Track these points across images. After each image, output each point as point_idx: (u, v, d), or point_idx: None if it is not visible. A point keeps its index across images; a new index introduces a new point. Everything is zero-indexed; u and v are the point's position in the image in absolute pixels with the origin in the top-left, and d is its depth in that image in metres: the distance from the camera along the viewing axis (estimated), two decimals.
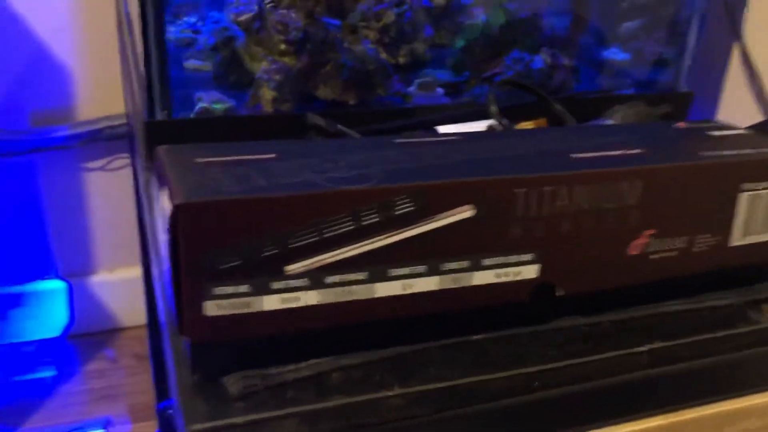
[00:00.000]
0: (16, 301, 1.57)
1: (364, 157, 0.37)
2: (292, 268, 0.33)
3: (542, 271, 0.38)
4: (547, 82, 0.69)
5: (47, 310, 1.58)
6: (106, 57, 1.37)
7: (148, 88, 0.55)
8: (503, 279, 0.37)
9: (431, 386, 0.35)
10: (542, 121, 0.67)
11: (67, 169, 1.49)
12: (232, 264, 0.32)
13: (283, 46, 0.61)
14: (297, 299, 0.34)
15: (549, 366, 0.38)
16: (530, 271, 0.38)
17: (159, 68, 0.55)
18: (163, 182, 0.34)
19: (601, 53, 0.79)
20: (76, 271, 1.60)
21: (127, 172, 1.51)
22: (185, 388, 0.34)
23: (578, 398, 0.39)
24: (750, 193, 0.42)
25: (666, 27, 0.75)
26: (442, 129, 0.62)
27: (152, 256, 0.51)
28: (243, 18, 0.61)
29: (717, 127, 0.47)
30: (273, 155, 0.36)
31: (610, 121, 0.55)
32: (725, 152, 0.41)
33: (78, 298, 1.60)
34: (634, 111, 0.55)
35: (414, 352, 0.38)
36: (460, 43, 0.69)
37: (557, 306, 0.40)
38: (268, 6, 0.61)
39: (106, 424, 1.49)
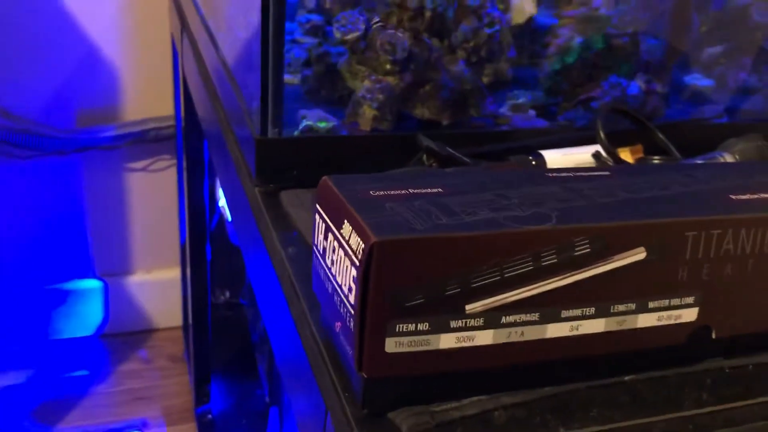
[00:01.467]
0: (55, 299, 1.57)
1: (531, 192, 0.37)
2: (472, 307, 0.33)
3: (701, 314, 0.38)
4: (640, 108, 0.69)
5: (83, 308, 1.58)
6: (154, 58, 1.38)
7: (263, 105, 0.55)
8: (664, 322, 0.37)
9: (595, 429, 0.35)
10: (639, 148, 0.66)
11: (111, 170, 1.49)
12: (416, 302, 0.31)
13: (388, 66, 0.61)
14: (472, 338, 0.33)
15: (705, 411, 0.37)
16: (690, 314, 0.37)
17: (274, 86, 0.54)
18: (338, 214, 0.33)
19: (684, 79, 0.78)
20: (113, 270, 1.60)
21: (170, 174, 1.51)
22: (354, 422, 0.34)
23: None
24: None
25: (759, 51, 0.74)
26: (546, 153, 0.61)
27: (276, 283, 0.51)
28: (350, 37, 0.60)
29: None
30: (440, 189, 0.36)
31: (727, 154, 0.55)
32: None
33: (114, 298, 1.60)
34: (754, 145, 0.55)
35: (570, 392, 0.37)
36: (556, 65, 0.69)
37: (709, 348, 0.40)
38: (375, 26, 0.60)
39: (142, 426, 1.49)
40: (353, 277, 0.31)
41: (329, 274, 0.35)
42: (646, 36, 0.73)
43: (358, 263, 0.31)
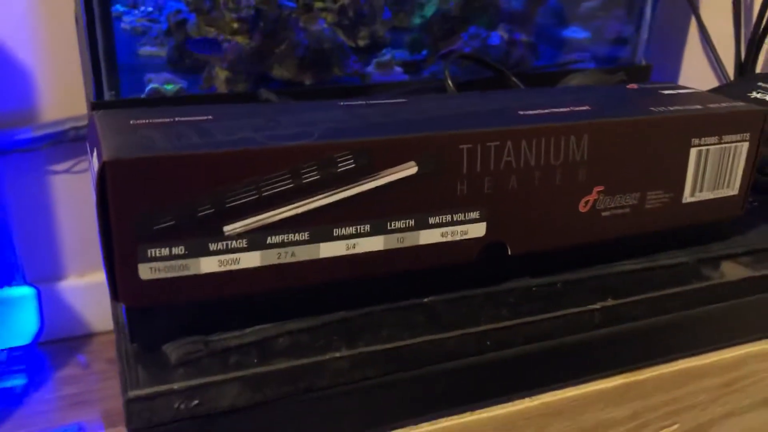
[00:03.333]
0: None
1: (307, 117, 0.36)
2: (231, 228, 0.32)
3: (490, 230, 0.37)
4: (504, 58, 0.69)
5: (16, 316, 1.55)
6: (67, 55, 1.35)
7: (95, 70, 0.54)
8: (450, 238, 0.37)
9: (380, 347, 0.35)
10: None
11: (32, 172, 1.46)
12: (166, 224, 0.31)
13: (235, 25, 0.60)
14: (237, 261, 0.33)
15: (501, 325, 0.37)
16: (478, 230, 0.37)
17: (105, 48, 0.53)
18: (93, 144, 0.33)
19: (559, 30, 0.78)
20: (45, 276, 1.57)
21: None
22: (124, 357, 0.33)
23: (533, 359, 0.38)
24: (698, 148, 0.42)
25: (624, 2, 0.75)
26: None
27: None
28: None
29: (671, 88, 0.47)
30: (210, 116, 0.35)
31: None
32: (674, 107, 0.41)
33: (48, 304, 1.57)
34: (590, 78, 0.55)
35: (362, 316, 0.37)
36: (416, 20, 0.69)
37: (507, 267, 0.40)
38: None
39: (79, 430, 1.46)
40: (95, 201, 0.30)
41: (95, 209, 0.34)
42: None
43: (95, 186, 0.30)
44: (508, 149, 0.36)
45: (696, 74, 0.79)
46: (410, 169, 0.34)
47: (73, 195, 1.51)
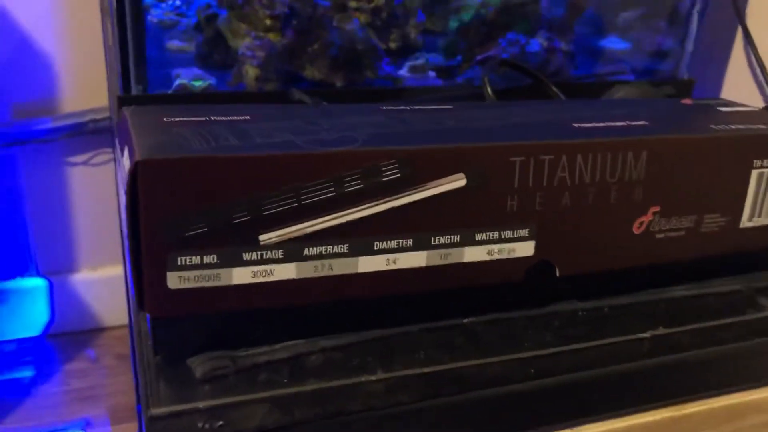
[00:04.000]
0: None
1: (348, 121, 0.34)
2: (267, 237, 0.30)
3: (539, 249, 0.35)
4: (543, 66, 0.67)
5: (27, 308, 1.54)
6: (90, 47, 1.34)
7: (123, 64, 0.52)
8: (496, 256, 0.34)
9: (417, 371, 0.32)
10: None
11: (50, 164, 1.45)
12: (199, 231, 0.29)
13: (268, 22, 0.58)
14: (271, 273, 0.30)
15: (546, 352, 0.35)
16: (526, 249, 0.35)
17: (135, 42, 0.52)
18: (123, 142, 0.31)
19: (599, 41, 0.76)
20: (57, 268, 1.56)
21: (112, 168, 1.48)
22: (146, 369, 0.31)
23: (577, 387, 0.36)
24: (760, 170, 0.39)
25: (668, 13, 0.72)
26: None
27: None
28: None
29: (725, 104, 0.44)
30: (247, 117, 0.33)
31: None
32: (736, 126, 0.39)
33: (59, 297, 1.56)
34: (638, 89, 0.52)
35: (399, 335, 0.35)
36: (453, 24, 0.66)
37: (554, 288, 0.37)
38: None
39: (85, 425, 1.45)
40: (125, 203, 0.28)
41: (121, 209, 0.32)
42: None
43: (126, 187, 0.28)
44: (563, 164, 0.34)
45: (740, 91, 0.76)
46: (459, 182, 0.32)
47: (89, 188, 1.50)
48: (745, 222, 0.40)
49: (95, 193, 1.57)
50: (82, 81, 1.45)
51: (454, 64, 0.68)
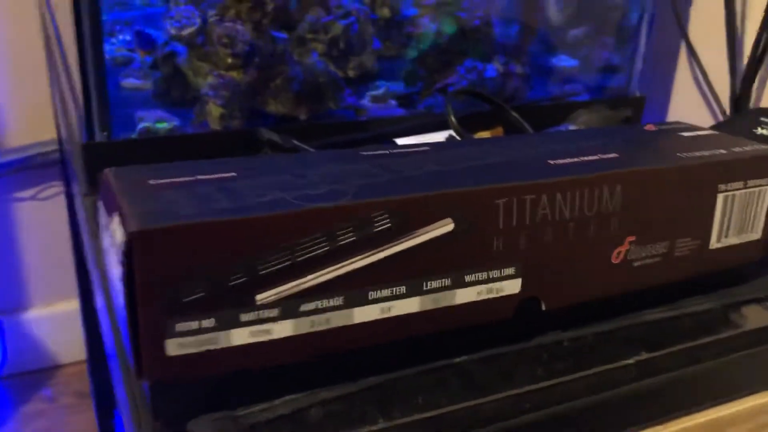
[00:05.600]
0: None
1: (334, 171, 0.34)
2: (263, 296, 0.30)
3: (525, 286, 0.36)
4: (500, 90, 0.68)
5: None
6: (34, 81, 1.30)
7: (86, 108, 0.51)
8: (485, 296, 0.35)
9: (417, 417, 0.33)
10: (499, 130, 0.65)
11: None
12: (196, 296, 0.29)
13: (229, 60, 0.58)
14: (269, 332, 0.30)
15: (538, 386, 0.36)
16: (513, 286, 0.36)
17: (97, 87, 0.51)
18: (112, 208, 0.30)
19: (551, 60, 0.78)
20: (8, 307, 1.51)
21: (61, 201, 1.44)
22: None
23: (569, 417, 0.37)
24: (725, 194, 0.41)
25: (616, 31, 0.75)
26: (401, 141, 0.59)
27: (97, 287, 0.47)
28: (186, 32, 0.57)
29: (685, 128, 0.46)
30: (233, 173, 0.33)
31: (572, 126, 0.54)
32: (700, 153, 0.40)
33: (11, 336, 1.51)
34: (598, 115, 0.54)
35: (395, 380, 0.35)
36: (412, 53, 0.67)
37: (540, 321, 0.38)
38: (212, 19, 0.57)
39: None
40: (119, 274, 0.28)
41: (112, 277, 0.31)
42: (502, 19, 0.72)
43: (121, 258, 0.28)
44: (544, 202, 0.35)
45: (688, 107, 0.79)
46: (447, 226, 0.33)
47: (38, 223, 1.46)
48: (714, 243, 0.42)
49: (45, 228, 1.53)
50: (27, 114, 1.41)
51: (416, 91, 0.69)
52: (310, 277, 0.31)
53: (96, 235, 0.47)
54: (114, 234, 0.29)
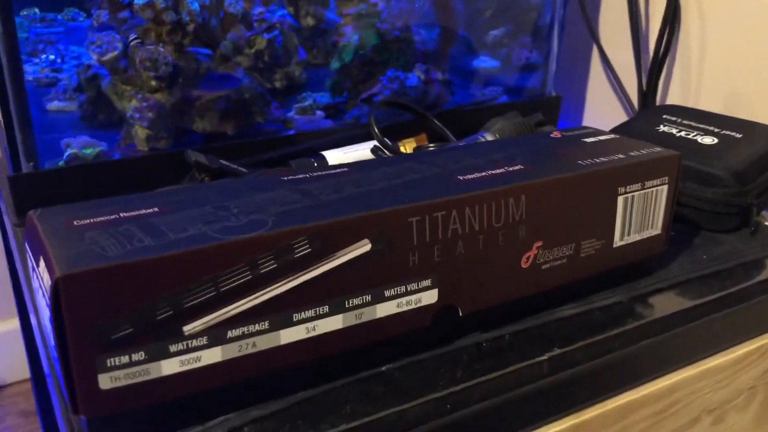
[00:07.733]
0: None
1: (255, 199, 0.36)
2: (190, 327, 0.31)
3: (442, 295, 0.38)
4: (423, 97, 0.71)
5: None
6: None
7: (9, 138, 0.51)
8: (405, 308, 0.37)
9: (344, 426, 0.35)
10: (423, 137, 0.68)
11: None
12: (124, 332, 0.30)
13: (153, 83, 0.58)
14: (198, 359, 0.32)
15: (459, 388, 0.38)
16: (431, 297, 0.38)
17: (19, 113, 0.51)
18: (38, 251, 0.31)
19: (471, 63, 0.81)
20: None
21: None
22: None
23: (489, 413, 0.40)
24: (624, 196, 0.44)
25: (531, 33, 0.78)
26: (328, 153, 0.61)
27: (32, 313, 0.48)
28: (107, 57, 0.58)
29: (589, 134, 0.49)
30: (155, 209, 0.35)
31: (488, 134, 0.57)
32: (600, 159, 0.44)
33: None
34: (511, 123, 0.57)
35: (324, 393, 0.37)
36: (335, 64, 0.69)
37: (460, 326, 0.41)
38: (132, 43, 0.58)
39: None
40: (49, 317, 0.29)
41: (42, 316, 0.33)
42: (422, 27, 0.75)
43: (49, 302, 0.29)
44: (454, 217, 0.37)
45: (602, 105, 0.83)
46: (364, 247, 0.35)
47: None
48: (617, 242, 0.45)
49: None
50: None
51: (341, 101, 0.70)
52: (234, 305, 0.32)
53: (25, 264, 0.48)
54: (42, 277, 0.31)
